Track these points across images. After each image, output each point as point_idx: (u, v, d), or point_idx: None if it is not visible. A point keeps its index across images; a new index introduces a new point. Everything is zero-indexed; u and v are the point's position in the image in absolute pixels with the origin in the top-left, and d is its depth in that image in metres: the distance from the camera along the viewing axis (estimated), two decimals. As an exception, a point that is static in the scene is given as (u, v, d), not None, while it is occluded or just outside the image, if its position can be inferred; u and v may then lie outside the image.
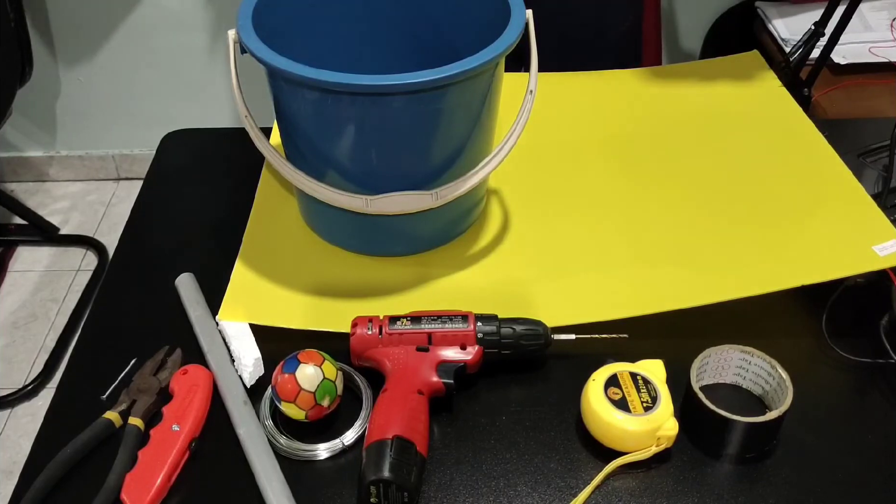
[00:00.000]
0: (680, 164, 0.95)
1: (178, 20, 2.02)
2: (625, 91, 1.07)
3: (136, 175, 2.32)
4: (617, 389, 0.68)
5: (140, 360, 0.76)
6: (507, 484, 0.67)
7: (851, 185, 0.90)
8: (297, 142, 0.79)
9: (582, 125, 1.02)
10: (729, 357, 0.73)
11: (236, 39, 0.75)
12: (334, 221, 0.84)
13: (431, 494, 0.66)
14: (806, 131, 0.99)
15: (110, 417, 0.70)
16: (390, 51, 0.90)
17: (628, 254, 0.84)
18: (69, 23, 2.04)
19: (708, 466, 0.68)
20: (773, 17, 1.67)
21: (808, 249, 0.83)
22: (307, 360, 0.68)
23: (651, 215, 0.89)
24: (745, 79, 1.08)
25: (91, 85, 2.15)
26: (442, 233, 0.86)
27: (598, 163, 0.96)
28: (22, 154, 2.29)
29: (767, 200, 0.89)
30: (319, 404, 0.68)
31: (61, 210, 2.23)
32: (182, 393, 0.71)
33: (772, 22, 1.66)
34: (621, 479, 0.67)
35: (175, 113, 2.19)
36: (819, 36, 1.20)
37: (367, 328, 0.73)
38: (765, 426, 0.67)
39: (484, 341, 0.72)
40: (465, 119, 0.77)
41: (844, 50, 1.48)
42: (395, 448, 0.63)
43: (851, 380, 0.75)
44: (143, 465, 0.66)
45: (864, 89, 1.47)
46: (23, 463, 0.69)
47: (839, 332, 0.77)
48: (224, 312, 0.78)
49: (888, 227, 0.83)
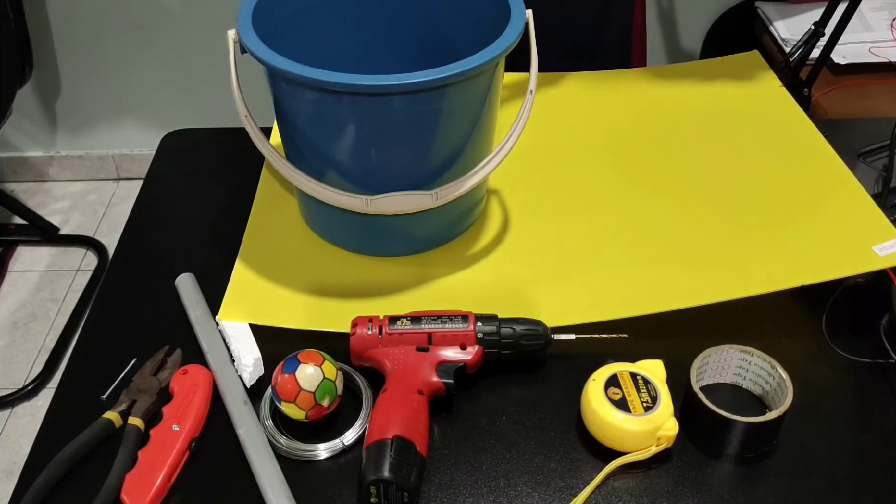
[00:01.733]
0: (680, 164, 0.95)
1: (178, 20, 2.02)
2: (625, 91, 1.07)
3: (136, 175, 2.32)
4: (617, 389, 0.68)
5: (140, 360, 0.76)
6: (507, 484, 0.67)
7: (851, 185, 0.90)
8: (297, 142, 0.79)
9: (582, 125, 1.02)
10: (729, 357, 0.73)
11: (236, 39, 0.75)
12: (334, 221, 0.84)
13: (431, 494, 0.66)
14: (806, 131, 0.99)
15: (110, 417, 0.70)
16: (390, 51, 0.90)
17: (628, 254, 0.84)
18: (69, 23, 2.04)
19: (708, 466, 0.68)
20: (773, 17, 1.67)
21: (808, 249, 0.83)
22: (307, 360, 0.68)
23: (651, 215, 0.89)
24: (745, 79, 1.08)
25: (91, 85, 2.15)
26: (442, 233, 0.86)
27: (598, 163, 0.96)
28: (22, 154, 2.29)
29: (767, 200, 0.89)
30: (319, 404, 0.68)
31: (61, 210, 2.23)
32: (182, 393, 0.71)
33: (772, 22, 1.66)
34: (621, 479, 0.67)
35: (175, 113, 2.19)
36: (819, 36, 1.21)
37: (367, 328, 0.73)
38: (765, 426, 0.67)
39: (484, 341, 0.72)
40: (464, 119, 0.77)
41: (844, 50, 1.48)
42: (395, 448, 0.63)
43: (851, 380, 0.75)
44: (142, 465, 0.66)
45: (864, 89, 1.47)
46: (23, 463, 0.69)
47: (839, 332, 0.77)
48: (224, 312, 0.78)
49: (888, 227, 0.83)
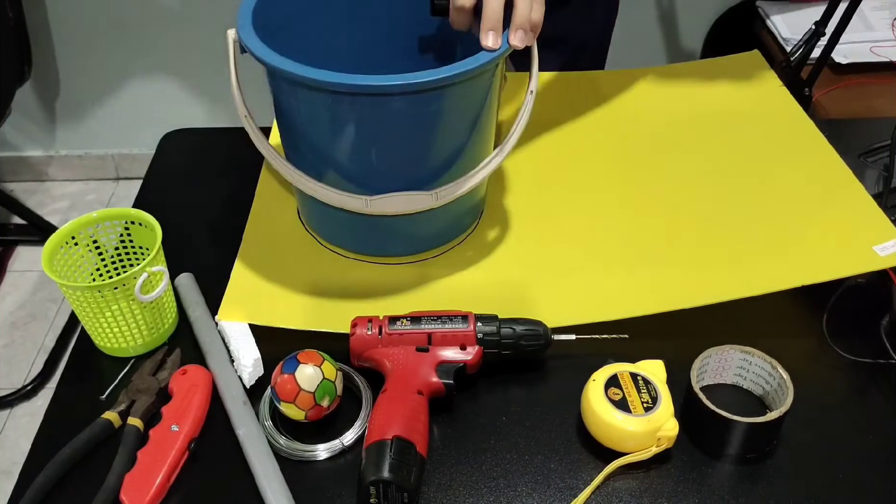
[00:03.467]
0: (680, 164, 0.95)
1: (178, 20, 2.02)
2: (625, 91, 1.07)
3: (136, 175, 2.32)
4: (617, 390, 0.68)
5: (139, 360, 0.76)
6: (507, 484, 0.67)
7: (852, 184, 0.90)
8: (296, 142, 0.79)
9: (582, 125, 1.02)
10: (729, 357, 0.73)
11: (236, 39, 0.75)
12: (334, 221, 0.84)
13: (431, 494, 0.66)
14: (806, 131, 0.99)
15: (109, 418, 0.70)
16: (390, 51, 0.90)
17: (628, 254, 0.84)
18: (68, 22, 2.04)
19: (708, 467, 0.68)
20: (773, 17, 1.67)
21: (809, 249, 0.82)
22: (307, 360, 0.68)
23: (651, 215, 0.89)
24: (745, 78, 1.08)
25: (90, 85, 2.15)
26: (442, 233, 0.86)
27: (599, 163, 0.96)
28: (21, 154, 2.29)
29: (768, 200, 0.89)
30: (319, 404, 0.68)
31: (61, 210, 2.23)
32: (181, 393, 0.71)
33: (773, 21, 1.66)
34: (621, 479, 0.67)
35: (175, 113, 2.19)
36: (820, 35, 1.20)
37: (367, 328, 0.73)
38: (765, 426, 0.67)
39: (484, 341, 0.72)
40: (464, 120, 0.77)
41: (845, 49, 1.48)
42: (395, 448, 0.63)
43: (852, 380, 0.75)
44: (142, 465, 0.66)
45: (864, 89, 1.47)
46: (22, 463, 0.69)
47: (839, 332, 0.77)
48: (223, 312, 0.78)
49: (889, 226, 0.83)
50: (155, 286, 0.74)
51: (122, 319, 0.73)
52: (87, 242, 0.78)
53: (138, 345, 0.76)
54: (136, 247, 0.81)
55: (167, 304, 0.78)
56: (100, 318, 0.73)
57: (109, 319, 0.73)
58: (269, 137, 0.98)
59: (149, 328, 0.76)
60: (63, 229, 0.76)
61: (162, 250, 0.76)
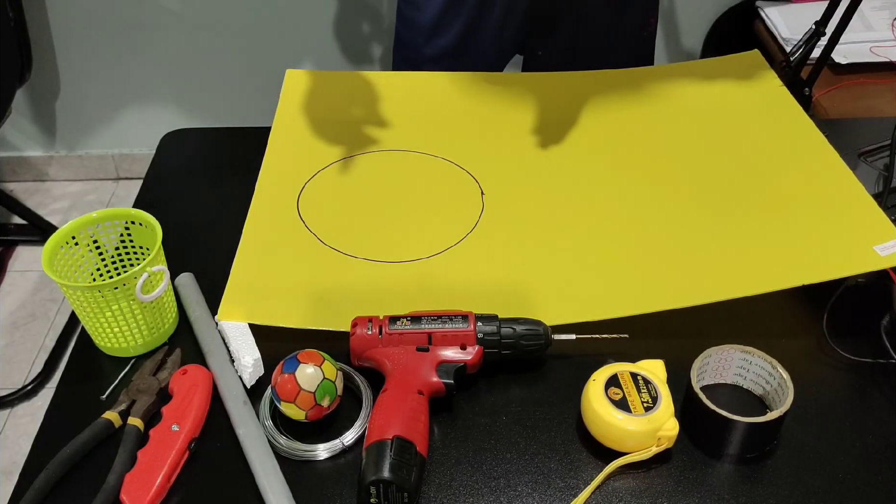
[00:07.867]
0: (680, 163, 0.95)
1: (178, 20, 2.02)
2: (625, 91, 1.07)
3: (136, 175, 2.32)
4: (617, 389, 0.68)
5: (139, 360, 0.76)
6: (507, 484, 0.67)
7: (852, 184, 0.90)
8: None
9: (582, 125, 1.02)
10: (729, 357, 0.73)
11: None
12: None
13: (431, 494, 0.66)
14: (806, 131, 0.99)
15: (110, 417, 0.70)
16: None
17: (628, 253, 0.84)
18: (68, 23, 2.04)
19: (708, 467, 0.68)
20: (773, 17, 1.67)
21: (809, 249, 0.82)
22: (307, 360, 0.68)
23: (651, 215, 0.89)
24: (745, 78, 1.08)
25: (91, 85, 2.15)
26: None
27: (599, 163, 0.96)
28: (21, 154, 2.29)
29: (768, 200, 0.89)
30: (319, 404, 0.68)
31: (61, 210, 2.23)
32: (182, 393, 0.71)
33: (772, 21, 1.66)
34: (622, 479, 0.67)
35: (175, 113, 2.19)
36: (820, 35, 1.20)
37: (367, 328, 0.73)
38: (765, 426, 0.67)
39: (484, 341, 0.72)
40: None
41: (845, 49, 1.48)
42: (395, 448, 0.63)
43: (852, 380, 0.75)
44: (142, 465, 0.66)
45: (864, 89, 1.47)
46: (22, 463, 0.69)
47: (839, 332, 0.77)
48: (223, 312, 0.78)
49: (889, 226, 0.83)
50: (155, 286, 0.74)
51: (122, 319, 0.73)
52: (87, 242, 0.78)
53: (138, 345, 0.76)
54: (137, 247, 0.81)
55: (167, 304, 0.78)
56: (100, 318, 0.73)
57: (110, 319, 0.74)
58: (268, 136, 0.98)
59: (149, 328, 0.76)
60: (63, 229, 0.76)
61: (162, 250, 0.76)
